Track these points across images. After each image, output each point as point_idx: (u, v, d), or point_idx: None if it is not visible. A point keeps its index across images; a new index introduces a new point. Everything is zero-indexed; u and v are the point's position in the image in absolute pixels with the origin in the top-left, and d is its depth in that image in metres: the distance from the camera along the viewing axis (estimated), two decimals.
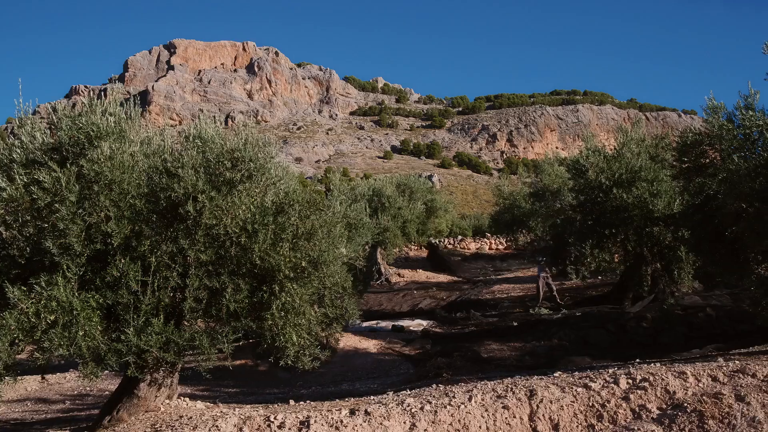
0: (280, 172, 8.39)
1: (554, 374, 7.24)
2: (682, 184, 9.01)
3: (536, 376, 7.22)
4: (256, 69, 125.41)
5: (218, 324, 7.51)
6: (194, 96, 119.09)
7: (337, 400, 8.19)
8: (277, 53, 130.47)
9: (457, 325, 15.07)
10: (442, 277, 22.69)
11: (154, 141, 7.60)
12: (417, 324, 15.42)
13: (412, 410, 6.25)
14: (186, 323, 7.24)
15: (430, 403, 6.38)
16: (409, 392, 7.32)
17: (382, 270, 22.10)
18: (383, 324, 15.57)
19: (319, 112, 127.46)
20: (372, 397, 7.29)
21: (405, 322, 15.53)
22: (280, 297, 6.93)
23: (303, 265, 7.24)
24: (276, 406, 8.00)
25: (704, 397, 6.10)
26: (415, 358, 11.98)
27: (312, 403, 8.04)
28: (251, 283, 7.24)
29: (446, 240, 30.06)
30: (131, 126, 7.43)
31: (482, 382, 7.14)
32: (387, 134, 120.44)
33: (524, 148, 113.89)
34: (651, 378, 6.47)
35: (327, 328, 8.18)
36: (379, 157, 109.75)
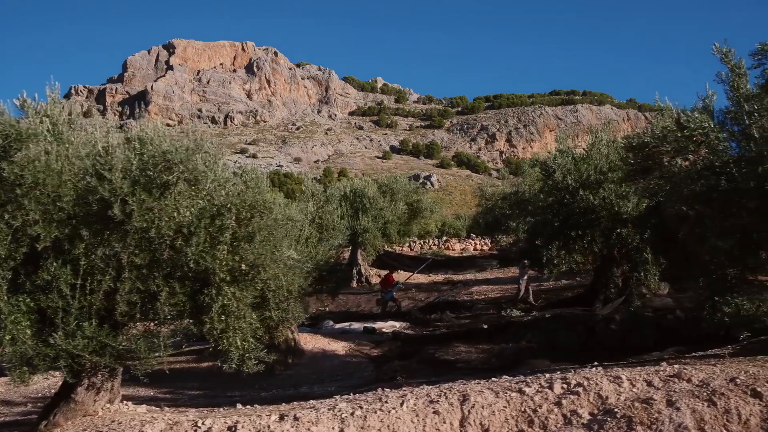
0: (228, 174, 8.31)
1: (494, 378, 7.19)
2: (630, 185, 8.96)
3: (475, 381, 7.17)
4: (255, 69, 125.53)
5: (160, 328, 7.50)
6: (193, 96, 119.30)
7: (283, 403, 8.14)
8: (276, 53, 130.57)
9: (429, 327, 15.03)
10: (423, 278, 22.64)
11: (99, 142, 7.55)
12: (390, 325, 15.38)
13: (343, 415, 6.20)
14: (126, 327, 7.21)
15: (362, 408, 6.32)
16: (348, 396, 7.27)
17: (362, 271, 22.07)
18: (356, 325, 15.53)
19: (318, 112, 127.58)
20: (311, 401, 7.24)
21: (378, 324, 15.48)
22: (217, 300, 6.88)
23: (243, 268, 7.21)
24: (222, 410, 7.95)
25: (635, 403, 6.03)
26: (377, 361, 11.95)
27: (260, 407, 7.98)
28: (192, 287, 7.21)
29: (431, 241, 30.05)
30: (72, 127, 7.40)
31: (420, 387, 7.09)
32: (386, 134, 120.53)
33: (523, 148, 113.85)
34: (585, 383, 6.40)
35: (272, 332, 8.15)
36: (378, 158, 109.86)
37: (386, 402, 6.43)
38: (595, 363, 10.08)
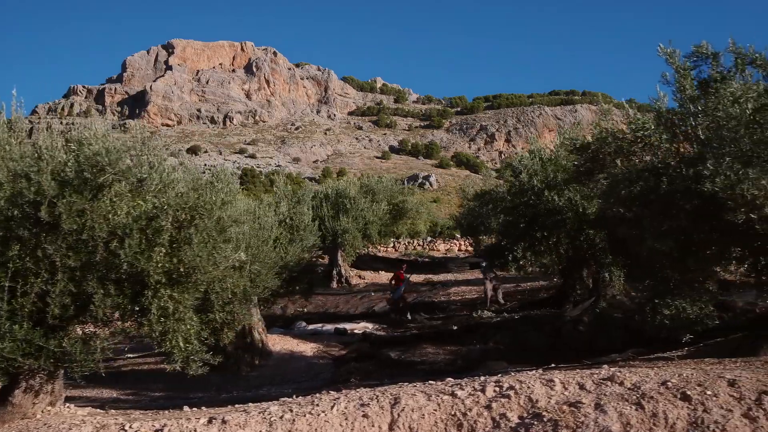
0: (177, 176, 8.27)
1: (431, 381, 7.15)
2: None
3: (411, 384, 7.14)
4: (255, 69, 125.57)
5: (99, 330, 7.49)
6: (192, 96, 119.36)
7: (229, 405, 8.11)
8: (275, 53, 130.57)
9: (401, 328, 15.00)
10: None
11: (43, 144, 7.53)
12: (363, 327, 15.34)
13: (271, 419, 6.18)
14: (65, 330, 7.19)
15: (292, 411, 6.30)
16: (287, 399, 7.23)
17: (342, 272, 22.01)
18: (328, 327, 15.51)
19: (318, 112, 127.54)
20: (247, 405, 7.22)
21: (351, 325, 15.45)
22: (153, 303, 6.87)
23: (181, 270, 7.18)
24: (166, 412, 7.93)
25: (564, 406, 5.99)
26: (337, 363, 11.93)
27: (207, 409, 7.96)
28: (133, 289, 7.19)
29: (415, 242, 30.04)
30: (13, 129, 7.39)
31: (356, 390, 7.05)
32: (385, 134, 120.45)
33: (522, 148, 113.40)
34: (517, 386, 6.37)
35: (218, 333, 8.13)
36: (377, 158, 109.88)
37: (317, 405, 6.40)
38: (552, 365, 10.06)
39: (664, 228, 6.84)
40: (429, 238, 30.84)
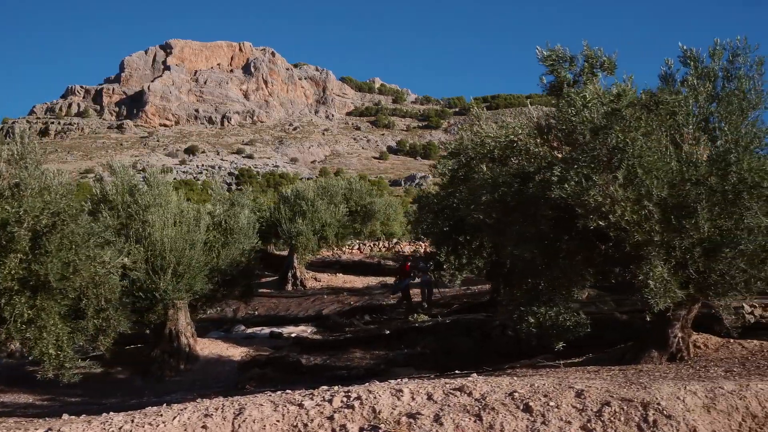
0: (62, 179, 8.17)
1: (287, 390, 7.03)
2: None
3: (269, 392, 7.02)
4: (253, 69, 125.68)
5: None
6: (190, 96, 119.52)
7: (121, 412, 8.01)
8: (273, 53, 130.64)
9: (337, 332, 14.87)
10: (359, 282, 22.43)
11: None
12: (301, 330, 15.23)
13: (111, 429, 6.07)
14: None
15: (133, 421, 6.18)
16: (154, 409, 7.12)
17: (298, 274, 21.90)
18: (266, 330, 15.40)
19: (316, 112, 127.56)
20: (110, 414, 7.10)
21: (288, 329, 15.35)
22: (6, 310, 6.78)
23: (41, 277, 7.08)
24: (41, 420, 7.83)
25: (403, 418, 5.86)
26: (244, 368, 11.82)
27: (60, 418, 7.85)
28: None
29: (380, 243, 29.90)
30: None
31: (213, 399, 6.93)
32: (383, 135, 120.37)
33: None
34: (364, 396, 6.24)
35: (93, 341, 8.03)
36: (375, 158, 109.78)
37: (161, 416, 6.28)
38: (457, 371, 9.93)
39: (526, 235, 6.70)
40: (395, 240, 30.70)
